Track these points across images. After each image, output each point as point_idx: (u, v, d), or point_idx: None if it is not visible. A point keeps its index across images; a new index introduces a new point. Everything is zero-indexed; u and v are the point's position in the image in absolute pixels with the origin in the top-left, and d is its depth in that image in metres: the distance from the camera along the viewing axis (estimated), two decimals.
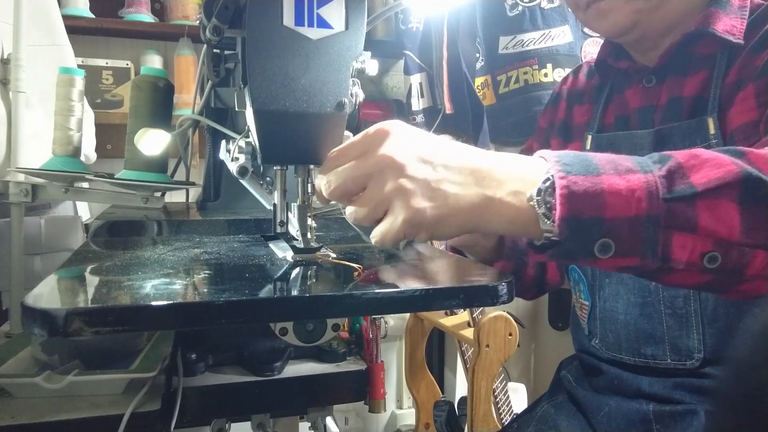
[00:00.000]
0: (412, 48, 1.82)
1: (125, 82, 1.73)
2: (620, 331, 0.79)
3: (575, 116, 0.92)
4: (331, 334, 0.63)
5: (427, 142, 0.52)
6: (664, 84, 0.78)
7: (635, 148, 0.77)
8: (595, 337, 0.84)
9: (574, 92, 0.94)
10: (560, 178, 0.46)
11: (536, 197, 0.47)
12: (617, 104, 0.85)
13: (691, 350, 0.73)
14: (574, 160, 0.48)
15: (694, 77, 0.74)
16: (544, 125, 0.98)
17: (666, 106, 0.77)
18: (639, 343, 0.77)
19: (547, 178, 0.47)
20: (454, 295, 0.55)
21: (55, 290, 0.51)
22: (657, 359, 0.76)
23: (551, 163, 0.48)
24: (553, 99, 0.97)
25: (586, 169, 0.47)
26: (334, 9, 0.59)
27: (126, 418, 0.61)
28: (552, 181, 0.47)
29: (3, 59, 0.99)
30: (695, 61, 0.75)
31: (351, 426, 2.00)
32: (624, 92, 0.84)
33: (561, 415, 0.88)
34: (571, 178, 0.46)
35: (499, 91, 1.73)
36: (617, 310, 0.80)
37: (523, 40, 1.66)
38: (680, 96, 0.75)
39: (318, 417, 0.83)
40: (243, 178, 0.74)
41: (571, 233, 0.46)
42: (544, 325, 2.07)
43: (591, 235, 0.46)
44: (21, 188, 0.90)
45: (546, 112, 0.98)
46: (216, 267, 0.63)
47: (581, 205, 0.46)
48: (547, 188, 0.47)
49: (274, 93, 0.59)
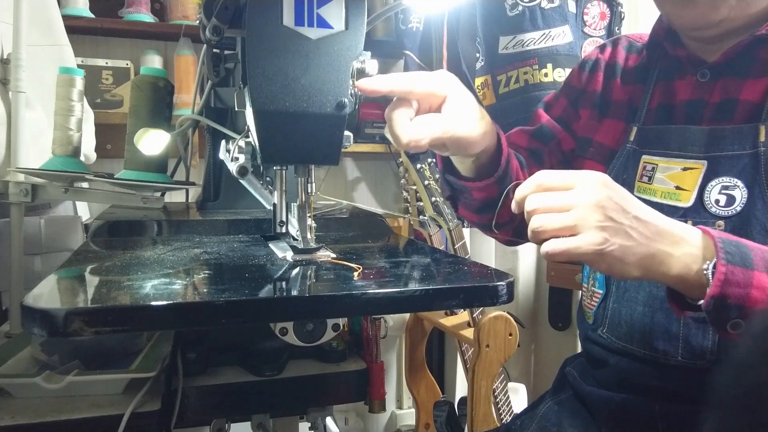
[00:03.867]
0: (412, 48, 1.82)
1: (125, 82, 1.73)
2: (635, 322, 0.79)
3: (614, 92, 0.90)
4: (331, 334, 0.63)
5: (626, 195, 0.60)
6: (719, 81, 0.77)
7: (686, 143, 0.77)
8: (602, 327, 0.83)
9: (613, 65, 0.91)
10: (721, 265, 0.57)
11: (711, 269, 0.58)
12: (662, 91, 0.83)
13: (704, 350, 0.72)
14: (736, 250, 0.58)
15: (756, 82, 0.74)
16: (577, 86, 0.95)
17: (718, 105, 0.76)
18: (652, 336, 0.77)
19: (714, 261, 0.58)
20: (454, 295, 0.55)
21: (55, 290, 0.51)
22: (668, 355, 0.75)
23: (717, 247, 0.58)
24: (591, 66, 0.94)
25: (743, 261, 0.57)
26: (334, 9, 0.59)
27: (126, 418, 0.61)
28: (714, 263, 0.58)
29: (3, 59, 0.99)
30: (758, 66, 0.74)
31: (351, 426, 2.00)
32: (673, 81, 0.82)
33: (564, 412, 0.87)
34: (730, 267, 0.57)
35: (499, 91, 1.73)
36: (637, 301, 0.79)
37: (523, 40, 1.66)
38: (737, 98, 0.75)
39: (318, 417, 0.83)
40: (243, 178, 0.74)
41: (715, 309, 0.57)
42: (544, 325, 2.07)
43: (729, 315, 0.57)
44: (21, 188, 0.90)
45: (581, 75, 0.95)
46: (216, 267, 0.63)
47: (730, 292, 0.56)
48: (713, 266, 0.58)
49: (274, 93, 0.59)
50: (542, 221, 0.60)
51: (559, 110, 0.98)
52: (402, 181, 1.56)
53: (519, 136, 0.99)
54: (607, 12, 1.74)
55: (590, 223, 0.58)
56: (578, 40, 1.69)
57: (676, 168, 0.77)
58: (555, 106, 0.99)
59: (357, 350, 0.83)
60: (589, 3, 1.72)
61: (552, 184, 0.61)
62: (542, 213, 0.60)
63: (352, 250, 0.75)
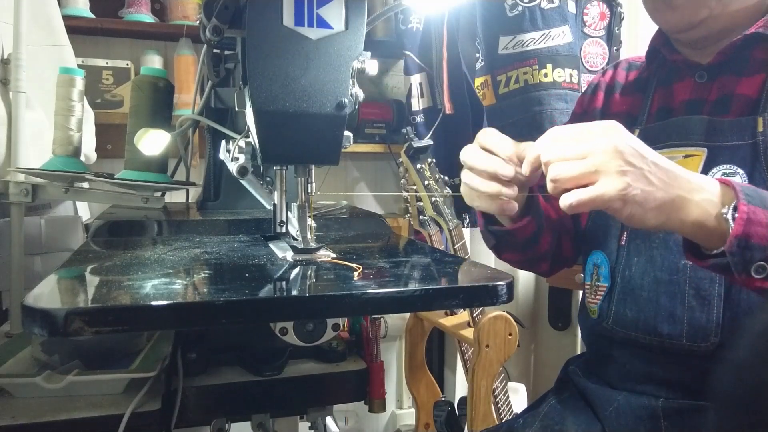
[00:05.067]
0: (412, 48, 1.82)
1: (125, 82, 1.73)
2: (641, 308, 0.80)
3: (613, 105, 0.93)
4: (331, 334, 0.63)
5: (640, 142, 0.60)
6: (716, 81, 0.79)
7: (688, 133, 0.78)
8: (608, 319, 0.84)
9: (613, 84, 0.95)
10: (742, 205, 0.57)
11: (732, 212, 0.58)
12: (661, 95, 0.86)
13: (707, 333, 0.73)
14: (754, 193, 0.58)
15: (752, 79, 0.76)
16: (578, 111, 1.00)
17: (715, 101, 0.79)
18: (657, 320, 0.77)
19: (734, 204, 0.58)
20: (454, 295, 0.55)
21: (55, 290, 0.52)
22: (672, 339, 0.76)
23: (736, 190, 0.58)
24: (592, 89, 0.99)
25: (763, 203, 0.57)
26: (334, 9, 0.59)
27: (126, 418, 0.61)
28: (735, 204, 0.57)
29: (3, 59, 0.99)
30: (751, 63, 0.77)
31: (351, 426, 2.00)
32: (672, 85, 0.85)
33: (567, 410, 0.87)
34: (752, 207, 0.57)
35: (498, 92, 1.73)
36: (643, 287, 0.80)
37: (523, 41, 1.66)
38: (732, 93, 0.77)
39: (318, 417, 0.83)
40: (243, 178, 0.74)
41: (739, 250, 0.56)
42: (544, 325, 2.07)
43: (753, 256, 0.56)
44: (21, 188, 0.90)
45: (583, 100, 1.00)
46: (216, 267, 0.63)
47: (753, 231, 0.56)
48: (730, 209, 0.58)
49: (274, 93, 0.60)
50: (561, 169, 0.59)
51: None
52: (402, 181, 1.56)
53: None
54: (607, 12, 1.74)
55: (611, 167, 0.57)
56: (578, 40, 1.69)
57: (679, 156, 0.78)
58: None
59: (357, 350, 0.83)
60: (588, 3, 1.72)
61: (566, 135, 0.61)
62: (560, 162, 0.59)
63: (352, 250, 0.75)
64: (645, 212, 0.58)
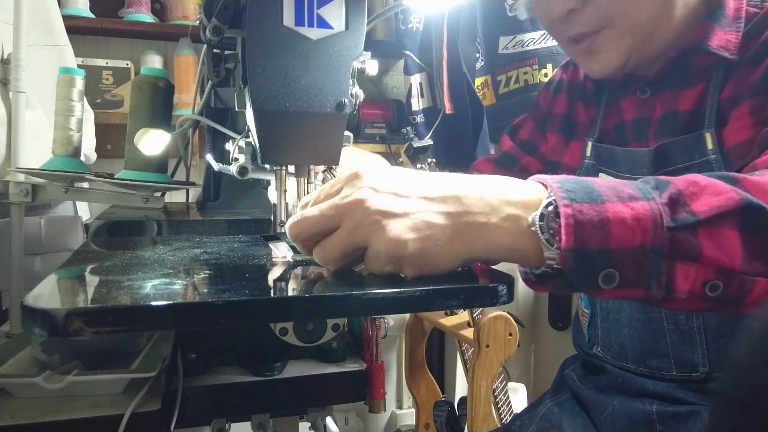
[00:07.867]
0: (412, 48, 1.82)
1: (125, 82, 1.73)
2: (625, 343, 0.79)
3: (578, 114, 0.91)
4: (331, 334, 0.63)
5: (401, 177, 0.49)
6: (659, 96, 0.77)
7: (635, 166, 0.76)
8: (597, 345, 0.84)
9: (575, 85, 0.93)
10: (564, 206, 0.44)
11: (539, 222, 0.45)
12: (613, 112, 0.84)
13: (696, 364, 0.73)
14: (576, 186, 0.46)
15: (690, 91, 0.73)
16: (544, 107, 0.97)
17: (660, 120, 0.76)
18: (644, 355, 0.77)
19: (549, 203, 0.45)
20: (454, 295, 0.55)
21: (55, 290, 0.51)
22: (663, 371, 0.76)
23: (552, 188, 0.46)
24: (555, 87, 0.96)
25: (589, 196, 0.45)
26: (334, 9, 0.59)
27: (126, 418, 0.61)
28: (555, 206, 0.45)
29: (3, 59, 0.99)
30: (691, 74, 0.74)
31: (351, 426, 2.00)
32: (619, 102, 0.83)
33: (564, 413, 0.87)
34: (576, 206, 0.44)
35: (499, 91, 1.73)
36: (621, 323, 0.79)
37: (523, 40, 1.66)
38: (675, 110, 0.74)
39: (318, 417, 0.83)
40: (243, 178, 0.74)
41: (576, 264, 0.44)
42: (544, 325, 2.07)
43: (595, 266, 0.44)
44: (21, 188, 0.90)
45: (546, 96, 0.97)
46: (216, 267, 0.63)
47: (587, 236, 0.43)
48: (549, 213, 0.45)
49: (274, 93, 0.60)
50: (320, 252, 0.51)
51: (526, 133, 1.01)
52: None
53: (484, 165, 1.04)
54: None
55: (366, 230, 0.47)
56: None
57: None
58: (523, 128, 1.02)
59: (357, 350, 0.83)
60: None
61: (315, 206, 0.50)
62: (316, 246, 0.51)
63: None
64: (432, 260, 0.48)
